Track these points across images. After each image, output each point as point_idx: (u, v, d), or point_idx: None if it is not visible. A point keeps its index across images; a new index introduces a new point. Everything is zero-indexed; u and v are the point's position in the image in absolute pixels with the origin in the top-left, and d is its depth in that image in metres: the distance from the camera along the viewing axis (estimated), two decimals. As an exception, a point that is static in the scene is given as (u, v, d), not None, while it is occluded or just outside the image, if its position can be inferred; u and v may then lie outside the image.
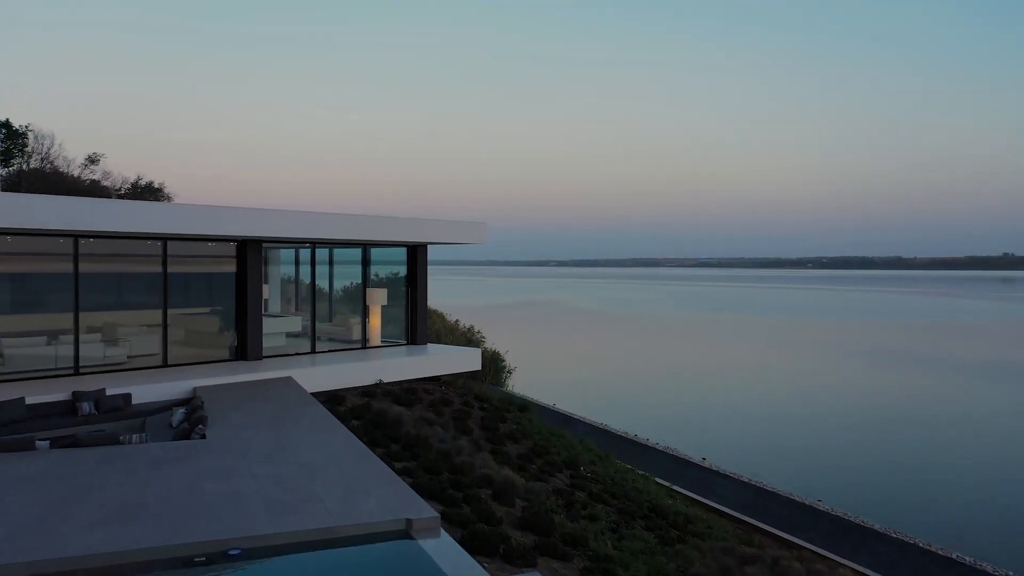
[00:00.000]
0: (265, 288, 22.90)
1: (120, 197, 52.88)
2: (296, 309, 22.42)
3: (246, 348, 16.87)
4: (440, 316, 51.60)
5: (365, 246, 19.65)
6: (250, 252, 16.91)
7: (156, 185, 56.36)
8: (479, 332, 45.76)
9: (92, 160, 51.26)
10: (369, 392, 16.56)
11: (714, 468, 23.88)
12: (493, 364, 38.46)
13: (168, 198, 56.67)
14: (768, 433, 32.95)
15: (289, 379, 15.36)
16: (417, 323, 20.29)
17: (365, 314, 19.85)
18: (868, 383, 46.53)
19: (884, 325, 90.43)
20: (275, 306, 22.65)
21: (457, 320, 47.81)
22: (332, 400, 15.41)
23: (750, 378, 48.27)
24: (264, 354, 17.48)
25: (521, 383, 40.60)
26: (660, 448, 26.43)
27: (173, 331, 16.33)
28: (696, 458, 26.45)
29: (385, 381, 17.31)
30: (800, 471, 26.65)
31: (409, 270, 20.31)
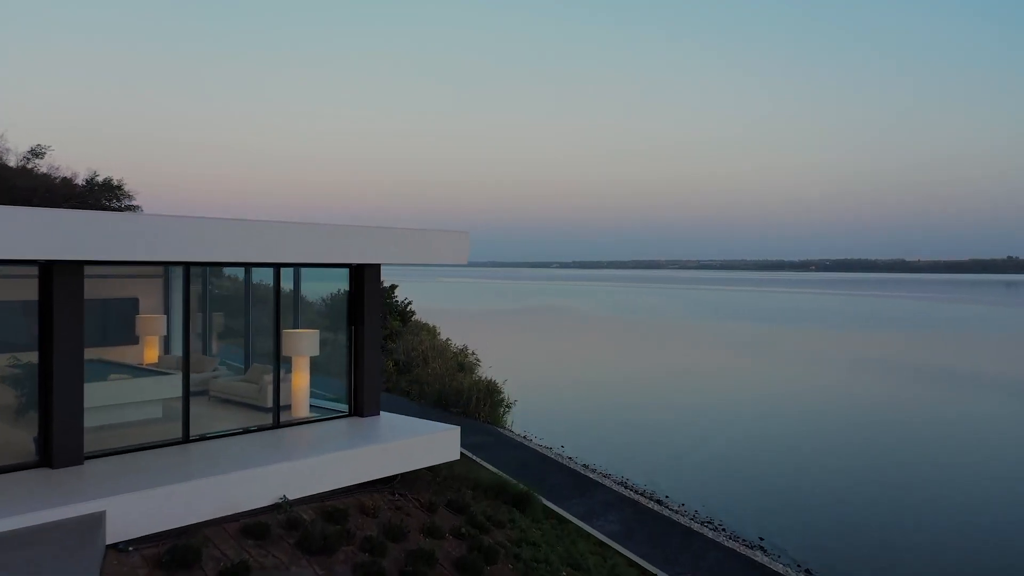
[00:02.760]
0: (162, 320, 15.97)
1: (73, 193, 45.76)
2: (208, 352, 15.43)
3: (51, 445, 9.72)
4: (430, 331, 44.48)
5: (278, 267, 12.50)
6: (59, 281, 9.76)
7: (115, 182, 49.29)
8: (473, 354, 38.58)
9: (36, 153, 44.31)
10: (258, 528, 9.37)
11: None
12: (489, 397, 31.27)
13: (128, 196, 49.62)
14: (827, 491, 25.77)
15: (97, 521, 8.23)
16: (364, 381, 13.11)
17: (279, 371, 12.69)
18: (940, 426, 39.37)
19: (916, 338, 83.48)
20: (179, 348, 15.74)
21: (448, 339, 40.56)
22: (174, 559, 8.23)
23: (795, 410, 41.05)
24: (96, 448, 10.35)
25: (523, 417, 33.47)
26: (708, 532, 19.30)
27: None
28: (751, 540, 19.41)
29: (292, 499, 10.15)
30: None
31: (352, 302, 13.15)
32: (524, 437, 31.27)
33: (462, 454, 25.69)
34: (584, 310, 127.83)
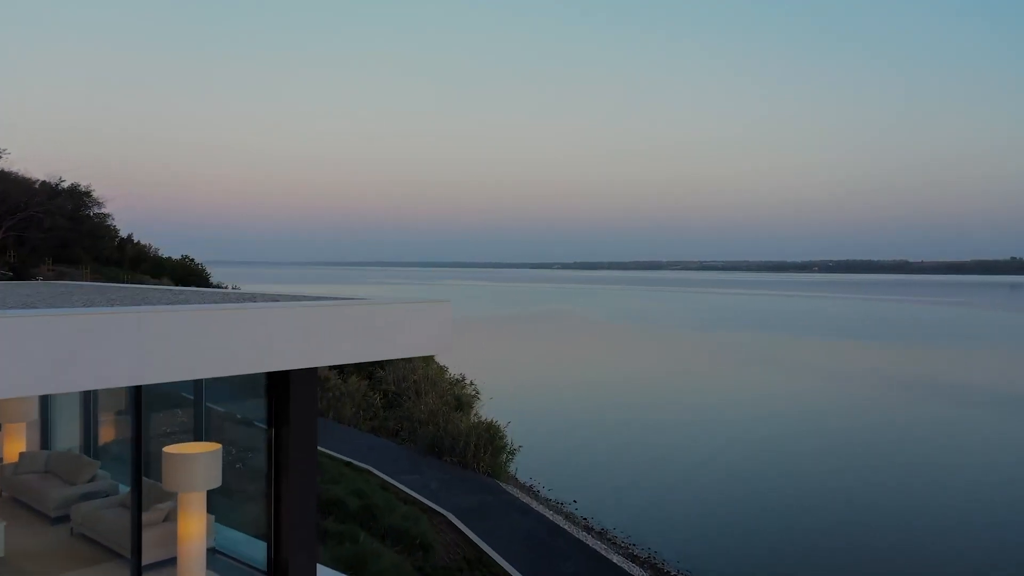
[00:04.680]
0: (32, 403, 11.61)
1: (32, 200, 41.19)
2: (91, 451, 11.01)
3: None
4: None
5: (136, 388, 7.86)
6: None
7: (84, 188, 44.58)
8: (472, 384, 33.82)
9: (-10, 156, 39.90)
10: None
11: None
12: (490, 443, 26.66)
13: (99, 203, 45.04)
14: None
15: None
16: (290, 528, 8.49)
17: (139, 520, 8.11)
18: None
19: (946, 351, 78.78)
20: (62, 439, 11.41)
21: (444, 366, 35.87)
22: None
23: (829, 452, 36.49)
24: None
25: (527, 464, 28.88)
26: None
27: None
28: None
29: None
30: None
31: (273, 415, 8.54)
32: (530, 489, 26.73)
33: (453, 526, 21.00)
34: (587, 317, 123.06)
